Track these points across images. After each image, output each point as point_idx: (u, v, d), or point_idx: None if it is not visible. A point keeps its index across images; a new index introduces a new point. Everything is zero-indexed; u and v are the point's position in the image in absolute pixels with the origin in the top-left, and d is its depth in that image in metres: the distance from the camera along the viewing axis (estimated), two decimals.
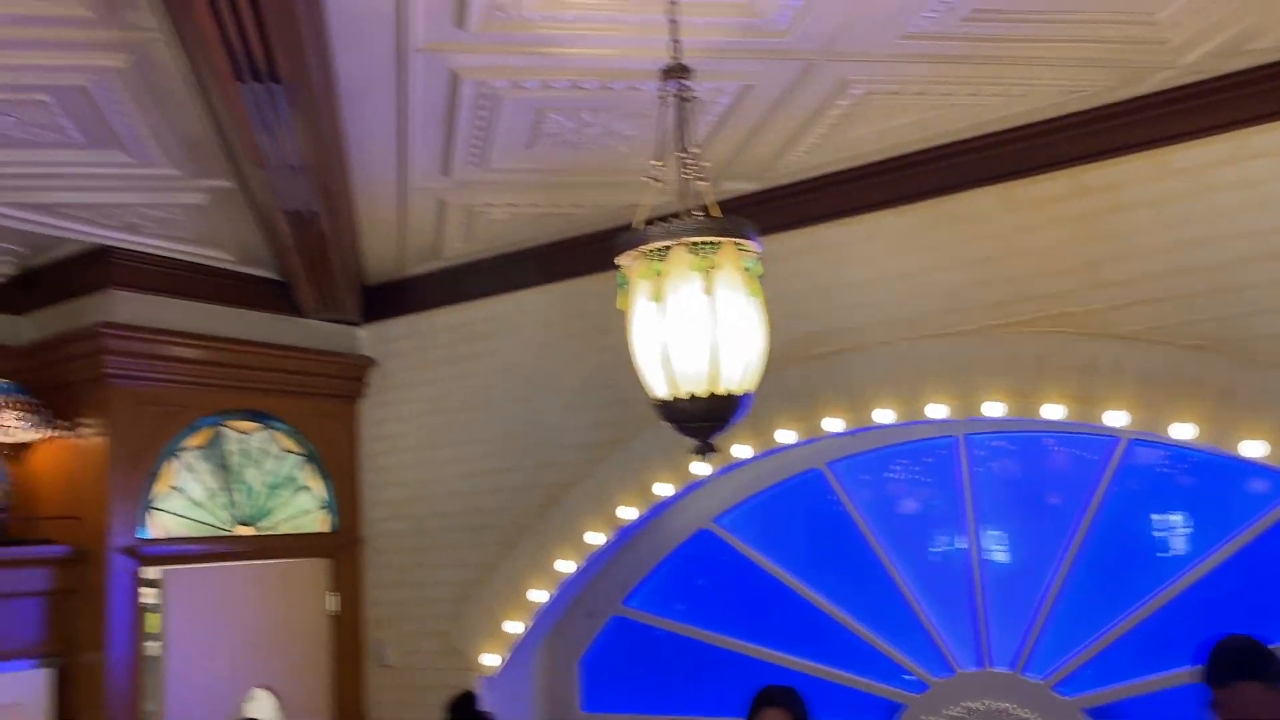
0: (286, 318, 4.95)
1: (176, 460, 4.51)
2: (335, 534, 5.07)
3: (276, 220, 3.72)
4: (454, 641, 4.74)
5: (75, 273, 4.40)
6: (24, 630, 4.05)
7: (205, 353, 4.56)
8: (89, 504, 4.24)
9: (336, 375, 5.14)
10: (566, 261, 4.66)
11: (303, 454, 5.02)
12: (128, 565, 4.22)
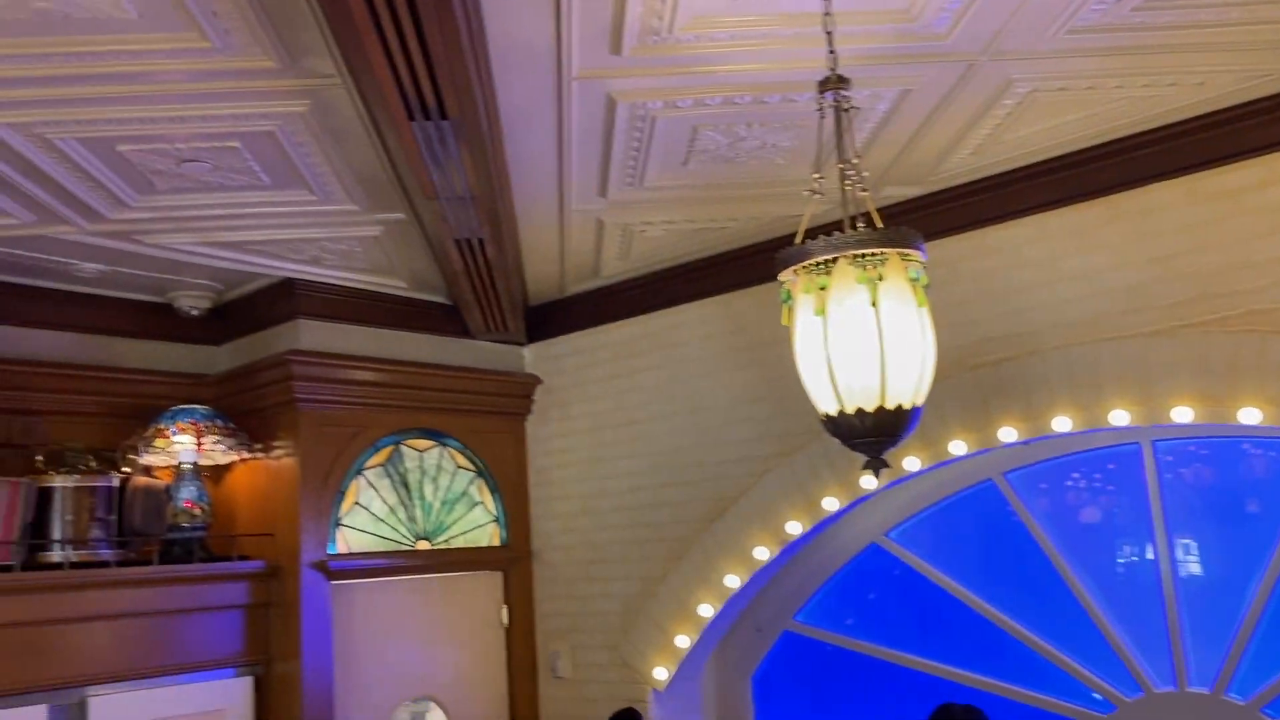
0: (456, 340, 5.14)
1: (360, 478, 4.74)
2: (506, 548, 5.22)
3: (447, 248, 3.87)
4: (624, 654, 4.80)
5: (265, 305, 4.69)
6: (226, 641, 4.33)
7: (383, 375, 4.79)
8: (282, 521, 4.51)
9: (504, 394, 5.30)
10: (723, 275, 4.67)
11: (475, 470, 5.20)
12: (317, 579, 4.45)
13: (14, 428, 4.26)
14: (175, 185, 3.50)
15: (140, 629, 4.04)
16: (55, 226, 3.75)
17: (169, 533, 4.32)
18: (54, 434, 4.34)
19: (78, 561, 3.99)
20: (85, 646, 3.88)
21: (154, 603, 4.10)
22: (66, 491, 4.07)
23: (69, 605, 3.86)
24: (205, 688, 4.20)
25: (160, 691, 4.06)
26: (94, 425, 4.44)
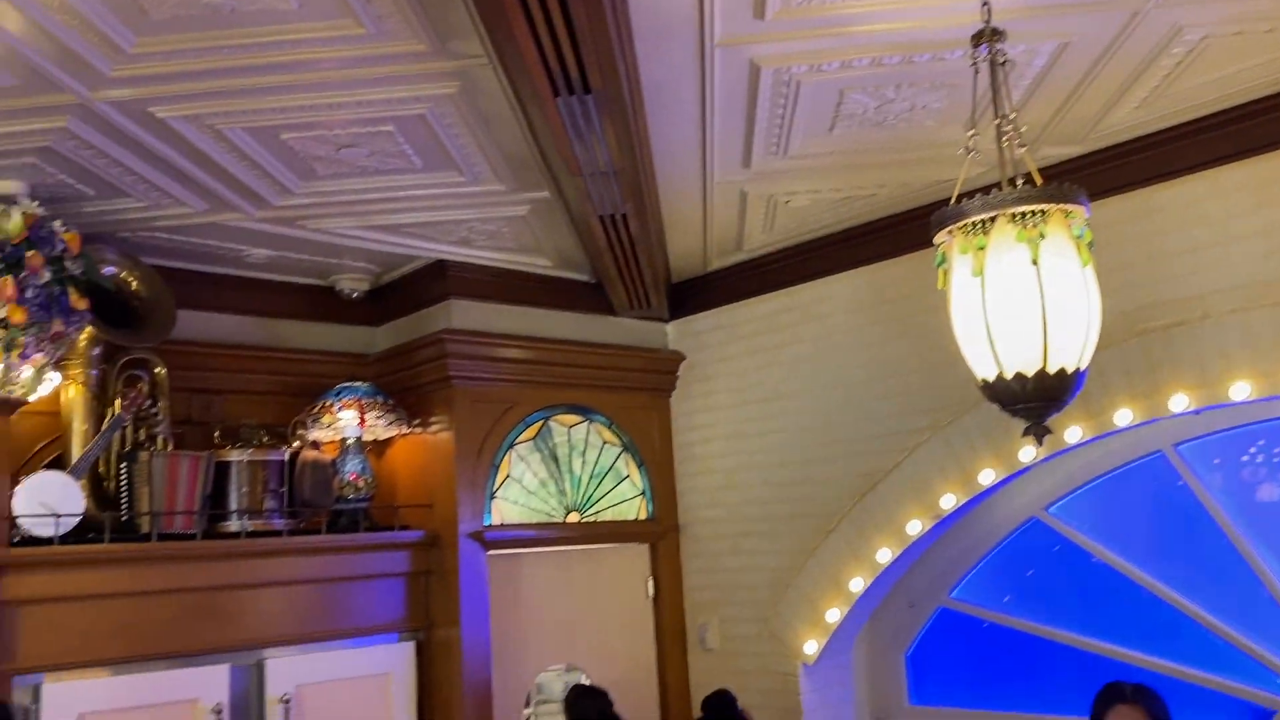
0: (601, 317, 5.21)
1: (512, 452, 4.86)
2: (653, 521, 5.27)
3: (590, 225, 3.91)
4: (773, 627, 4.79)
5: (419, 286, 4.85)
6: (390, 607, 4.52)
7: (532, 353, 4.89)
8: (440, 493, 4.67)
9: (648, 370, 5.34)
10: (871, 245, 4.57)
11: (621, 445, 5.27)
12: (474, 549, 4.60)
13: (194, 406, 4.53)
14: (335, 171, 3.65)
15: (311, 595, 4.26)
16: (226, 214, 3.96)
17: (336, 504, 4.53)
18: (230, 411, 4.60)
19: (253, 531, 4.22)
20: (261, 611, 4.11)
21: (323, 570, 4.31)
22: (242, 465, 4.30)
23: (246, 572, 4.10)
24: (371, 651, 4.40)
25: (330, 654, 4.27)
26: (265, 403, 4.69)
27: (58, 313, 3.55)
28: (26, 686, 3.57)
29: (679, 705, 5.13)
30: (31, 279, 3.44)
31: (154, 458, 4.06)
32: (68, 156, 3.33)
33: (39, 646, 3.60)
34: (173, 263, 4.41)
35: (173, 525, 4.02)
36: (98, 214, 3.83)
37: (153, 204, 3.80)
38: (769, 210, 4.35)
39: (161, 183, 3.61)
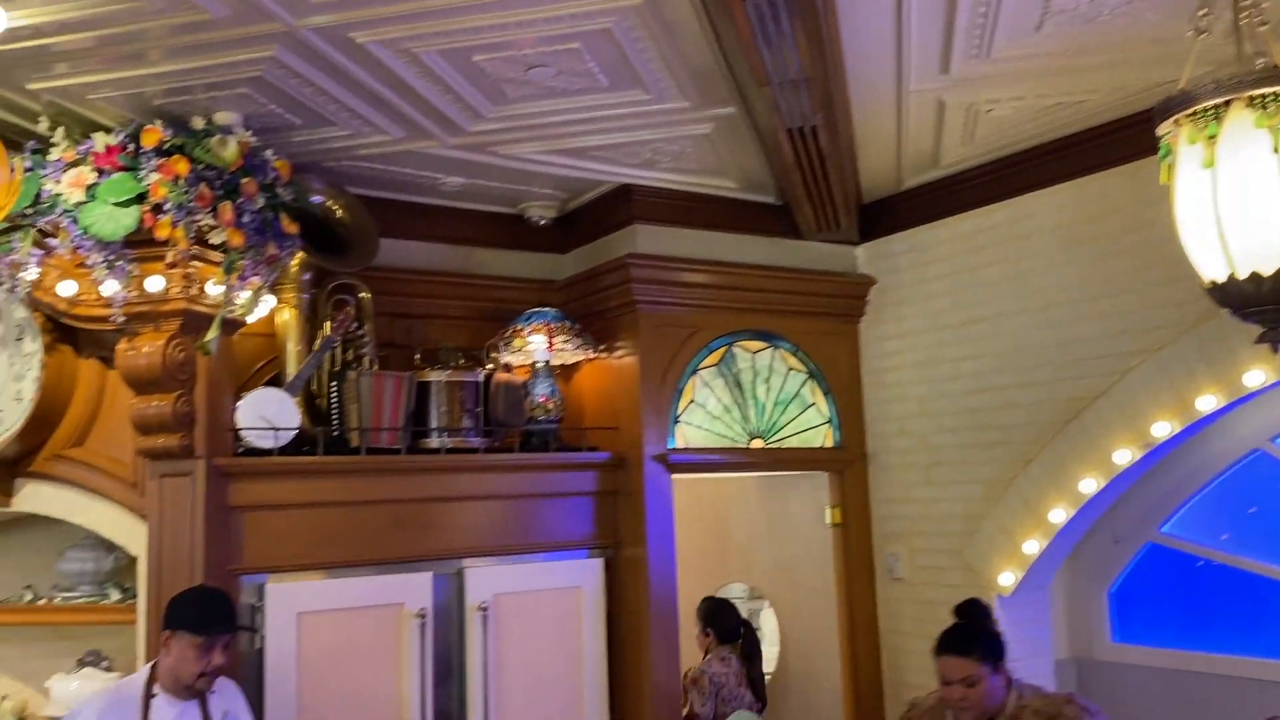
0: (787, 240, 5.10)
1: (696, 377, 4.87)
2: (839, 449, 5.18)
3: (778, 140, 3.82)
4: (967, 558, 4.64)
5: (604, 212, 4.89)
6: (579, 525, 4.64)
7: (716, 277, 4.86)
8: (625, 416, 4.74)
9: (836, 295, 5.22)
10: (1080, 157, 4.27)
11: (806, 372, 5.18)
12: (659, 471, 4.65)
13: (396, 329, 4.74)
14: (523, 93, 3.68)
15: (505, 510, 4.42)
16: (421, 141, 4.08)
17: (527, 424, 4.66)
18: (428, 335, 4.79)
19: (451, 448, 4.40)
20: (460, 523, 4.30)
21: (516, 487, 4.46)
22: (441, 386, 4.47)
23: (446, 486, 4.29)
24: (563, 566, 4.53)
25: (524, 566, 4.43)
26: (460, 327, 4.85)
27: (271, 237, 3.76)
28: (252, 586, 3.87)
29: (866, 633, 5.07)
30: (247, 204, 3.65)
31: (361, 377, 4.28)
32: (277, 86, 3.50)
33: (262, 550, 3.89)
34: (373, 191, 4.60)
35: (379, 441, 4.24)
36: (304, 143, 4.02)
37: (354, 132, 3.95)
38: (968, 120, 4.12)
39: (362, 110, 3.74)
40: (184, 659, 3.17)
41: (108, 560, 4.25)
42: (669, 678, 4.56)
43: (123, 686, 3.27)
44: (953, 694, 3.26)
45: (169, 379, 3.66)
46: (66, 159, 3.53)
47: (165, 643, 3.21)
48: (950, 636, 3.35)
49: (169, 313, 3.65)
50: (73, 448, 3.91)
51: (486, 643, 4.25)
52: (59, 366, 3.85)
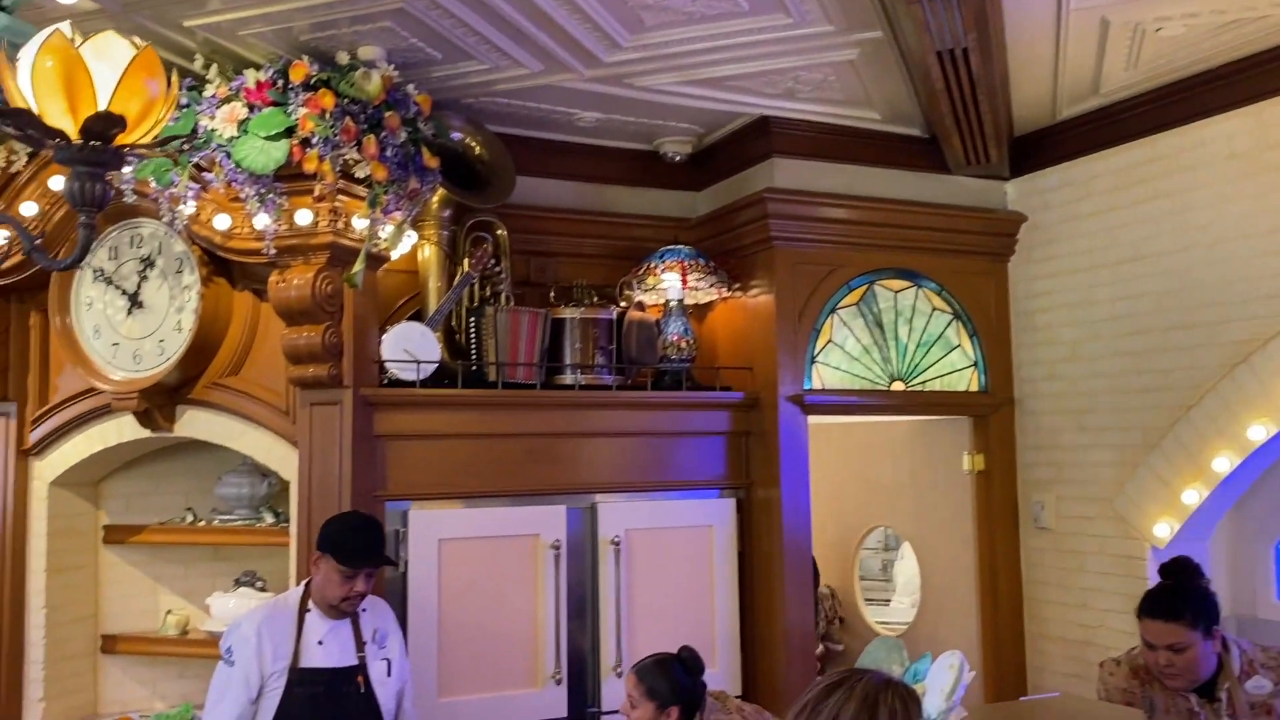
0: (932, 175, 4.90)
1: (834, 317, 4.75)
2: (984, 393, 4.99)
3: (927, 64, 3.65)
4: (1118, 508, 4.42)
5: (741, 146, 4.78)
6: (711, 464, 4.61)
7: (857, 213, 4.71)
8: (759, 356, 4.67)
9: (984, 232, 5.00)
10: (1259, 79, 3.95)
11: (951, 313, 4.99)
12: (793, 412, 4.57)
13: (532, 267, 4.78)
14: (661, 20, 3.61)
15: (637, 447, 4.42)
16: (559, 75, 4.06)
17: (660, 363, 4.64)
18: (562, 273, 4.81)
19: (585, 384, 4.43)
20: (593, 458, 4.33)
21: (649, 424, 4.45)
22: (574, 322, 4.49)
23: (579, 421, 4.32)
24: (694, 504, 4.52)
25: (656, 504, 4.44)
26: (594, 265, 4.85)
27: (413, 171, 3.81)
28: (396, 512, 3.99)
29: (1007, 583, 4.91)
30: (390, 138, 3.70)
31: (498, 313, 4.33)
32: (418, 18, 3.52)
33: (404, 477, 4.00)
34: (509, 129, 4.61)
35: (515, 375, 4.29)
36: (444, 79, 4.05)
37: (493, 66, 3.96)
38: (1134, 42, 3.85)
39: (501, 43, 3.74)
40: (329, 581, 3.29)
41: (262, 485, 4.46)
42: (802, 622, 4.51)
43: (279, 601, 3.42)
44: (1157, 660, 2.97)
45: (318, 310, 3.77)
46: (220, 95, 3.65)
47: (315, 563, 3.34)
48: (1156, 598, 3.04)
49: (317, 246, 3.75)
50: (229, 376, 4.08)
51: (619, 576, 4.29)
52: (215, 298, 4.02)
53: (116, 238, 4.18)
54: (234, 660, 3.24)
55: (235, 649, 3.25)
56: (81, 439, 4.31)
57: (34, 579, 4.34)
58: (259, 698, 3.23)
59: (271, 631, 3.26)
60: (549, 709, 4.14)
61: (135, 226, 4.16)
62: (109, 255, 4.19)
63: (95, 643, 4.50)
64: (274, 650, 3.24)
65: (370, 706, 3.33)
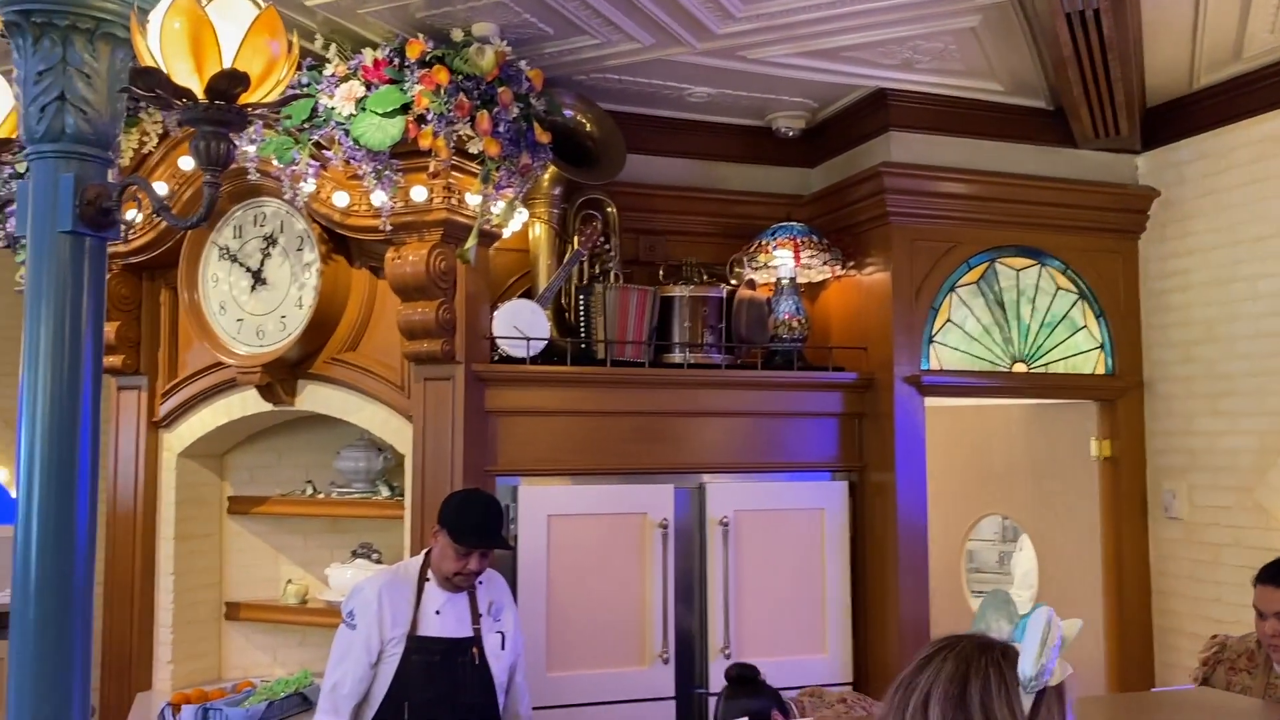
0: (1058, 149, 4.70)
1: (953, 295, 4.60)
2: (1112, 376, 4.77)
3: (1054, 28, 3.48)
4: (1259, 498, 4.18)
5: (856, 120, 4.66)
6: (822, 446, 4.52)
7: (978, 188, 4.55)
8: (874, 336, 4.55)
9: (1113, 208, 4.77)
10: None
11: (1077, 292, 4.79)
12: (910, 393, 4.45)
13: (641, 245, 4.75)
14: None
15: (747, 427, 4.36)
16: (670, 49, 4.01)
17: (771, 342, 4.57)
18: (672, 251, 4.77)
19: (694, 363, 4.38)
20: (702, 438, 4.29)
21: (758, 404, 4.39)
22: (684, 300, 4.45)
23: (688, 400, 4.28)
24: (805, 487, 4.44)
25: (765, 485, 4.37)
26: (704, 243, 4.80)
27: (525, 146, 3.82)
28: (506, 487, 4.02)
29: (1134, 576, 4.69)
30: (503, 114, 3.72)
31: (607, 291, 4.32)
32: None
33: (514, 453, 4.03)
34: (620, 106, 4.58)
35: (624, 353, 4.28)
36: (555, 55, 4.05)
37: (604, 41, 3.94)
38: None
39: (613, 15, 3.71)
40: (444, 556, 3.33)
41: (378, 460, 4.55)
42: (917, 610, 4.37)
43: (400, 569, 3.48)
44: (1264, 629, 2.92)
45: (432, 286, 3.82)
46: (339, 74, 3.71)
47: (434, 534, 3.38)
48: (1276, 564, 2.97)
49: (432, 222, 3.80)
50: (347, 352, 4.17)
51: (727, 558, 4.24)
52: (334, 275, 4.11)
53: (241, 216, 4.31)
54: (355, 624, 3.30)
55: (357, 612, 3.31)
56: (208, 412, 4.46)
57: (163, 546, 4.52)
58: (378, 662, 3.28)
59: (392, 598, 3.31)
60: (655, 688, 4.12)
61: (259, 205, 4.28)
62: (234, 234, 4.32)
63: (219, 609, 4.66)
64: (393, 616, 3.28)
65: (484, 678, 3.35)
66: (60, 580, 1.79)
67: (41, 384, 1.80)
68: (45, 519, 1.79)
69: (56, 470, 1.80)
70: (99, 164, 1.82)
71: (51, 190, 1.78)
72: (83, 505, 1.82)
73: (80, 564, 1.81)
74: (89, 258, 1.83)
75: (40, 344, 1.81)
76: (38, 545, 1.79)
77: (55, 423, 1.80)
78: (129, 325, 4.50)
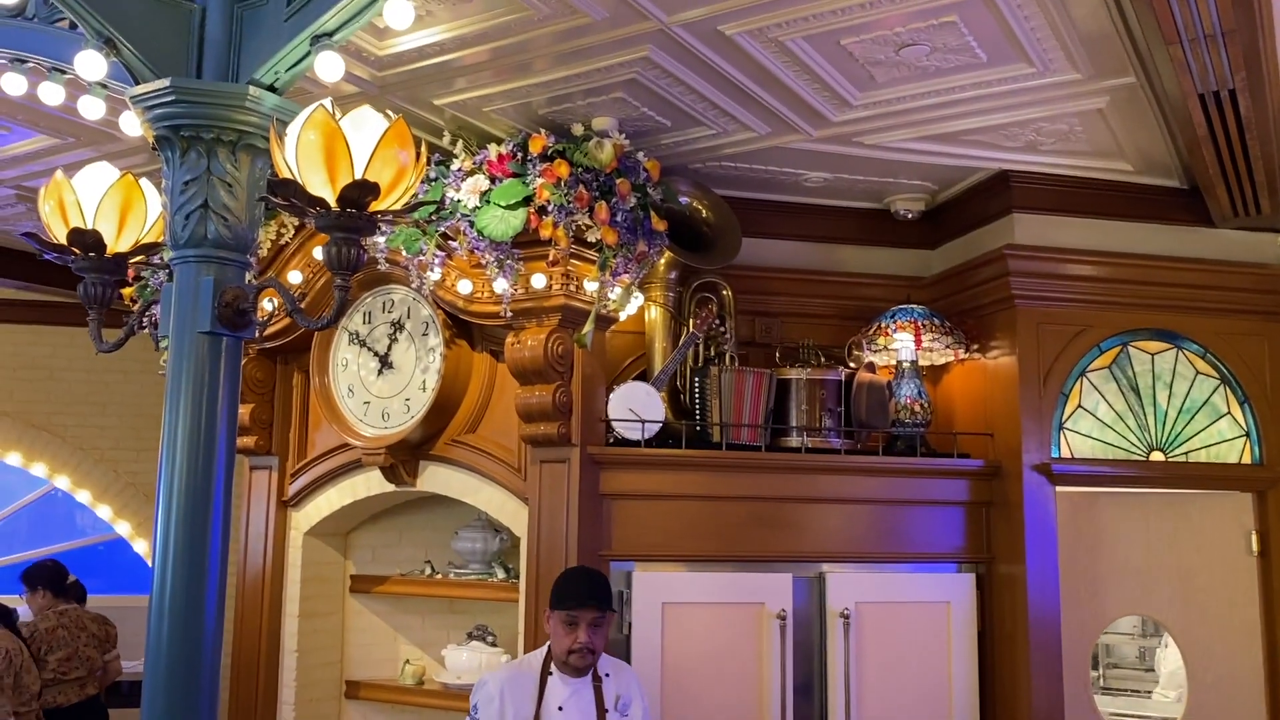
0: (1192, 228, 4.52)
1: (1083, 380, 4.43)
2: (1260, 466, 4.49)
3: (1188, 109, 3.37)
4: None
5: (978, 202, 4.59)
6: (948, 536, 4.36)
7: (1108, 270, 4.40)
8: (1000, 421, 4.40)
9: (1255, 289, 4.55)
10: None
11: (1218, 377, 4.55)
12: (1040, 482, 4.27)
13: (757, 327, 4.74)
14: (893, 76, 3.53)
15: (868, 515, 4.25)
16: (787, 136, 4.04)
17: (892, 426, 4.46)
18: (788, 333, 4.74)
19: (812, 447, 4.31)
20: (821, 525, 4.19)
21: (880, 491, 4.27)
22: (801, 383, 4.40)
23: (806, 486, 4.20)
24: (930, 579, 4.29)
25: (888, 576, 4.24)
26: (821, 326, 4.75)
27: (642, 234, 3.88)
28: (620, 572, 3.99)
29: None
30: (620, 204, 3.79)
31: (723, 373, 4.31)
32: (648, 87, 3.60)
33: (629, 537, 4.01)
34: (736, 192, 4.62)
35: (740, 436, 4.24)
36: (672, 145, 4.12)
37: (720, 131, 3.99)
38: None
39: (729, 107, 3.76)
40: (556, 635, 3.32)
41: (495, 541, 4.59)
42: (1050, 708, 4.15)
43: (523, 662, 3.47)
44: None
45: (550, 370, 3.88)
46: (465, 168, 3.85)
47: (547, 619, 3.38)
48: None
49: (550, 308, 3.87)
50: (467, 434, 4.25)
51: (848, 651, 4.10)
52: (457, 359, 4.21)
53: (370, 303, 4.47)
54: (479, 718, 3.31)
55: (480, 707, 3.31)
56: (334, 492, 4.59)
57: (288, 623, 4.64)
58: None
59: (514, 693, 3.29)
60: None
61: (387, 293, 4.44)
62: (363, 320, 4.48)
63: (340, 687, 4.74)
64: (515, 712, 3.26)
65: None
66: (190, 652, 1.86)
67: (178, 471, 1.89)
68: (177, 596, 1.86)
69: (189, 552, 1.88)
70: (237, 267, 1.92)
71: (193, 293, 1.88)
72: (212, 583, 1.89)
73: (209, 638, 1.88)
74: (225, 355, 1.92)
75: (178, 434, 1.89)
76: (169, 621, 1.86)
77: (190, 507, 1.89)
78: (262, 408, 4.69)
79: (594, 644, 3.31)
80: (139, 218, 2.14)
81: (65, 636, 5.43)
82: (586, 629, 3.28)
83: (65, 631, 5.43)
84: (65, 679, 5.39)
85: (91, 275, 2.12)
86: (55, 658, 5.36)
